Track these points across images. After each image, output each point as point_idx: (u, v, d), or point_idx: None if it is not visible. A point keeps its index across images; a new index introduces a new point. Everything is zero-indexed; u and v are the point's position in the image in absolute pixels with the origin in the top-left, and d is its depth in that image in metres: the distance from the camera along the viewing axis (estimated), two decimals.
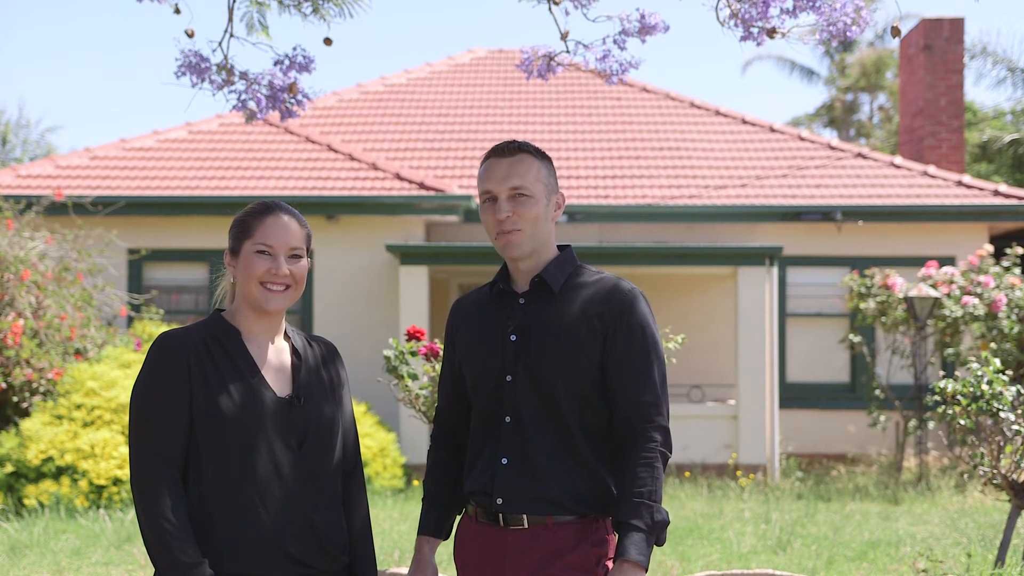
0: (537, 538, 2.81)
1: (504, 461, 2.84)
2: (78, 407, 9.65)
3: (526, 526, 2.81)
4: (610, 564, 2.80)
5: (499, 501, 2.83)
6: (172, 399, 2.70)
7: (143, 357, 10.42)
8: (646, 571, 2.70)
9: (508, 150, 2.93)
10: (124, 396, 9.68)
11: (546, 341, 2.85)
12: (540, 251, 2.93)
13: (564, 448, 2.83)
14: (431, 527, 3.02)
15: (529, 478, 2.81)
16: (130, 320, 12.62)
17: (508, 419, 2.85)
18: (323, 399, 2.84)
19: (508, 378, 2.86)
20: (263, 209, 2.84)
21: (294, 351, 2.88)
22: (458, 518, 3.07)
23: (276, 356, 2.84)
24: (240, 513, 2.69)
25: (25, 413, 10.02)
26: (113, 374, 9.93)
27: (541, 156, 2.96)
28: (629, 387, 2.82)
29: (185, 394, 2.70)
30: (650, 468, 2.75)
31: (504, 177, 2.89)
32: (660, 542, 2.75)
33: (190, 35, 4.44)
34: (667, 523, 2.75)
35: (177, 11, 4.51)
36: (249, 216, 2.84)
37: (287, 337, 2.90)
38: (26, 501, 9.02)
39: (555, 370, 2.82)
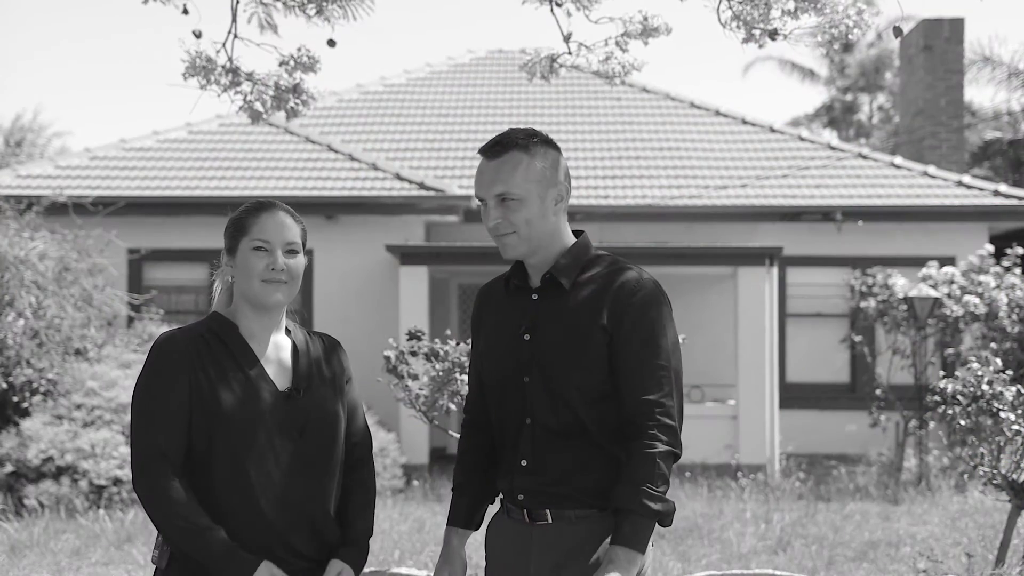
0: (561, 532, 2.78)
1: (523, 463, 2.80)
2: (78, 407, 9.65)
3: (550, 521, 2.79)
4: None
5: (520, 497, 2.82)
6: (175, 398, 2.71)
7: (143, 357, 10.42)
8: (642, 555, 2.64)
9: (494, 150, 2.79)
10: (124, 396, 9.68)
11: (556, 341, 2.78)
12: (545, 247, 2.85)
13: (583, 447, 2.77)
14: (460, 518, 2.94)
15: (548, 478, 2.78)
16: (130, 320, 12.61)
17: (528, 420, 2.80)
18: (324, 391, 2.85)
19: (526, 379, 2.80)
20: (258, 207, 2.86)
21: (294, 346, 2.89)
22: (491, 509, 3.01)
23: (276, 351, 2.85)
24: (242, 507, 2.70)
25: (25, 413, 10.01)
26: (113, 374, 9.93)
27: (532, 149, 2.79)
28: (632, 384, 2.73)
29: (187, 392, 2.71)
30: (650, 459, 2.66)
31: (490, 182, 2.79)
32: (664, 524, 2.68)
33: (198, 36, 4.43)
34: (668, 510, 2.68)
35: (185, 11, 4.49)
36: (245, 214, 2.85)
37: (288, 332, 2.91)
38: (26, 501, 9.02)
39: (566, 371, 2.76)
